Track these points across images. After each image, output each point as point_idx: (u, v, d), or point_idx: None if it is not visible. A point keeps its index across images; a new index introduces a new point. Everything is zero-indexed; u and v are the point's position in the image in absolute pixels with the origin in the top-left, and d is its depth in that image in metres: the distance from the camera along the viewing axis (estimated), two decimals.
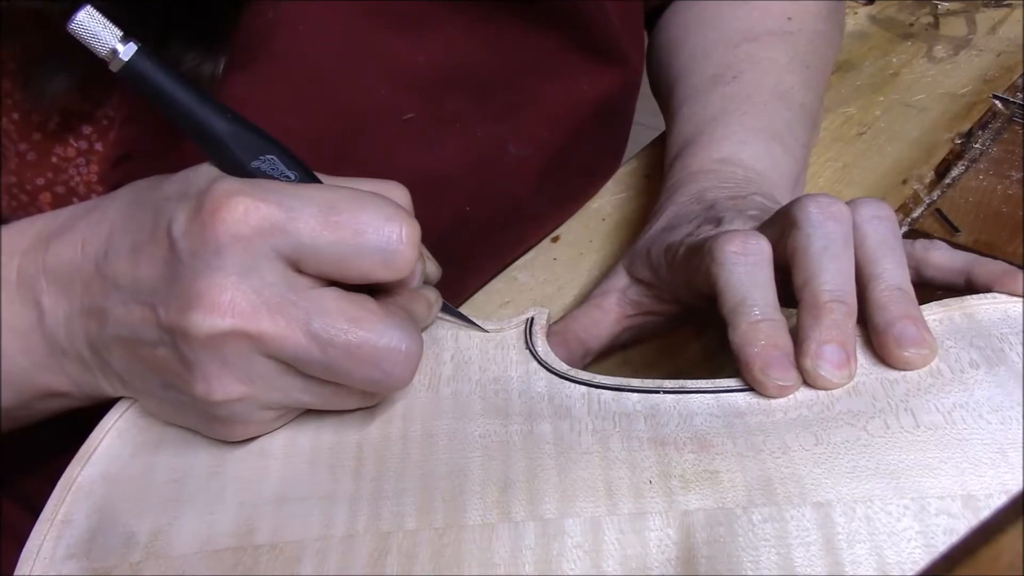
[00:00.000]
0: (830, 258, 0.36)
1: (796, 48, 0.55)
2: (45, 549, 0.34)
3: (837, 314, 0.35)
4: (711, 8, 0.58)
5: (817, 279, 0.36)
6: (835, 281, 0.36)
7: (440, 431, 0.36)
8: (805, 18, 0.56)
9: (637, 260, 0.44)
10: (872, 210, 0.38)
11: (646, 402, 0.37)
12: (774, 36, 0.55)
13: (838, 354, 0.35)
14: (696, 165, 0.48)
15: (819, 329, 0.35)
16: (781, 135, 0.50)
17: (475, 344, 0.40)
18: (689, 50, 0.56)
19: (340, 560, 0.32)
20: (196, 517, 0.34)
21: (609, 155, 0.59)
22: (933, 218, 0.54)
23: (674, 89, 0.55)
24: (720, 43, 0.55)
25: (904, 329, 0.36)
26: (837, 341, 0.35)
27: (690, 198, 0.45)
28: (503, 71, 0.49)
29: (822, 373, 0.35)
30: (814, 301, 0.36)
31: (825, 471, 0.33)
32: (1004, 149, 0.58)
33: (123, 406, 0.38)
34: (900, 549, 0.30)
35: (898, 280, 0.37)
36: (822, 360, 0.35)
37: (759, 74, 0.53)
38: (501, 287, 0.51)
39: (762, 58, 0.53)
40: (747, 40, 0.55)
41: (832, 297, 0.36)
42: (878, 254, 0.37)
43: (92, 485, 0.36)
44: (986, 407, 0.34)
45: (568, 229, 0.54)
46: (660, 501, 0.32)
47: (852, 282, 0.36)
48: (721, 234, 0.38)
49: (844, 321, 0.36)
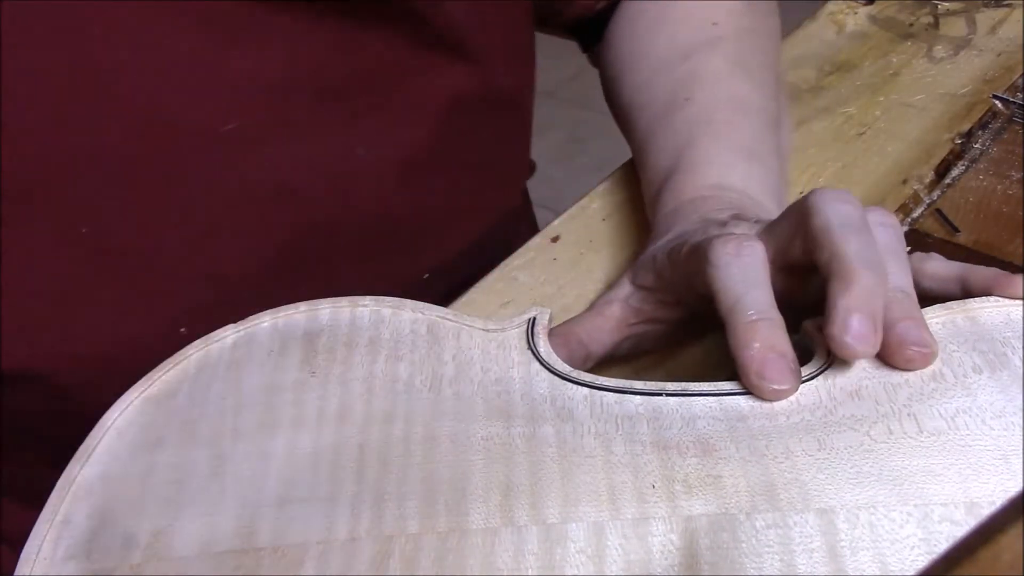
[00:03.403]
0: (854, 232, 0.35)
1: (730, 52, 0.54)
2: (45, 550, 0.34)
3: (867, 279, 0.34)
4: (638, 35, 0.58)
5: (844, 248, 0.35)
6: (862, 250, 0.35)
7: (442, 433, 0.36)
8: (728, 19, 0.56)
9: (641, 269, 0.44)
10: (878, 217, 0.38)
11: (649, 404, 0.36)
12: (705, 46, 0.55)
13: (865, 323, 0.34)
14: (690, 193, 0.47)
15: (847, 297, 0.34)
16: (754, 150, 0.50)
17: (477, 344, 0.40)
18: (631, 84, 0.56)
19: (342, 563, 0.32)
20: (197, 518, 0.34)
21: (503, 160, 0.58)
22: (933, 218, 0.54)
23: (632, 122, 0.55)
24: (659, 69, 0.55)
25: (907, 329, 0.36)
26: (866, 310, 0.34)
27: (697, 219, 0.45)
28: (343, 75, 0.48)
29: (848, 340, 0.34)
30: (843, 270, 0.35)
31: (828, 477, 0.33)
32: (1004, 149, 0.58)
33: (123, 405, 0.38)
34: (903, 556, 0.30)
35: (902, 284, 0.37)
36: (848, 329, 0.34)
37: (708, 90, 0.52)
38: (501, 287, 0.51)
39: (704, 72, 0.53)
40: (682, 59, 0.54)
41: (862, 263, 0.35)
42: (884, 258, 0.37)
43: (92, 485, 0.36)
44: (989, 412, 0.34)
45: (568, 229, 0.54)
46: (663, 506, 0.32)
47: (880, 255, 0.36)
48: (716, 237, 0.38)
49: (875, 288, 0.35)
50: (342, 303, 0.41)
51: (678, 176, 0.49)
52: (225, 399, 0.38)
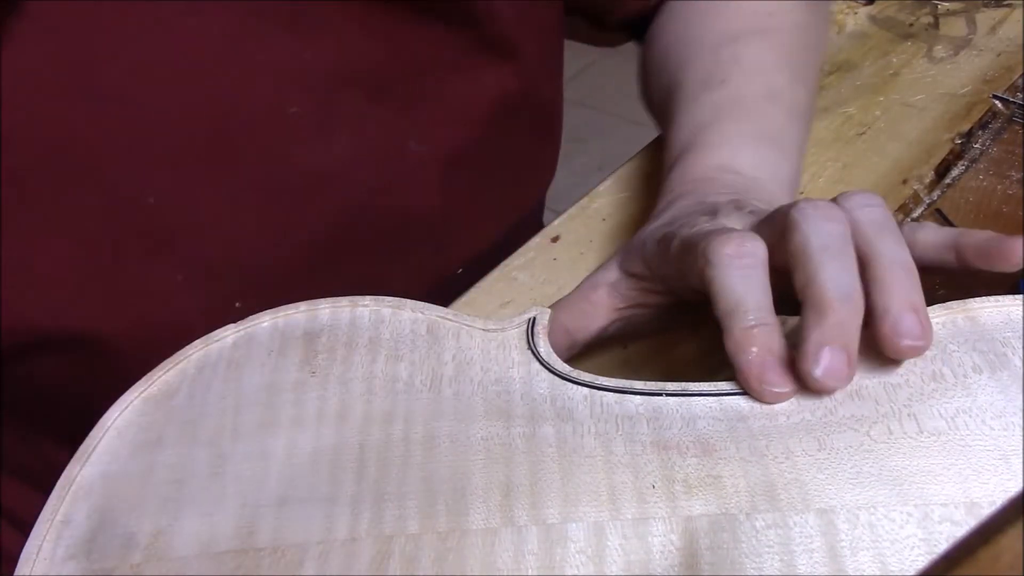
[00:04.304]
0: (831, 256, 0.35)
1: (780, 44, 0.54)
2: (45, 549, 0.34)
3: (841, 312, 0.34)
4: (693, 15, 0.58)
5: (819, 277, 0.34)
6: (838, 278, 0.34)
7: (442, 433, 0.36)
8: (786, 12, 0.56)
9: (631, 255, 0.44)
10: (862, 199, 0.37)
11: (649, 404, 0.36)
12: (756, 35, 0.55)
13: (837, 358, 0.34)
14: (694, 173, 0.47)
15: (820, 330, 0.34)
16: (775, 138, 0.49)
17: (476, 344, 0.40)
18: (675, 60, 0.56)
19: (342, 563, 0.32)
20: (197, 518, 0.34)
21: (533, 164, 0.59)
22: (933, 218, 0.54)
23: (667, 101, 0.55)
24: (704, 49, 0.55)
25: (900, 318, 0.34)
26: (838, 343, 0.34)
27: (691, 203, 0.45)
28: (396, 69, 0.49)
29: (817, 375, 0.34)
30: (817, 300, 0.34)
31: (828, 477, 0.33)
32: (1004, 149, 0.58)
33: (123, 405, 0.38)
34: (903, 557, 0.30)
35: (899, 257, 0.35)
36: (818, 364, 0.34)
37: (746, 76, 0.52)
38: (501, 287, 0.51)
39: (747, 59, 0.53)
40: (730, 42, 0.54)
41: (836, 294, 0.34)
42: (875, 236, 0.36)
43: (92, 485, 0.36)
44: (989, 413, 0.34)
45: (568, 229, 0.54)
46: (663, 506, 0.32)
47: (857, 279, 0.35)
48: (716, 234, 0.38)
49: (849, 320, 0.34)
50: (342, 303, 0.41)
51: (689, 155, 0.49)
52: (225, 399, 0.38)
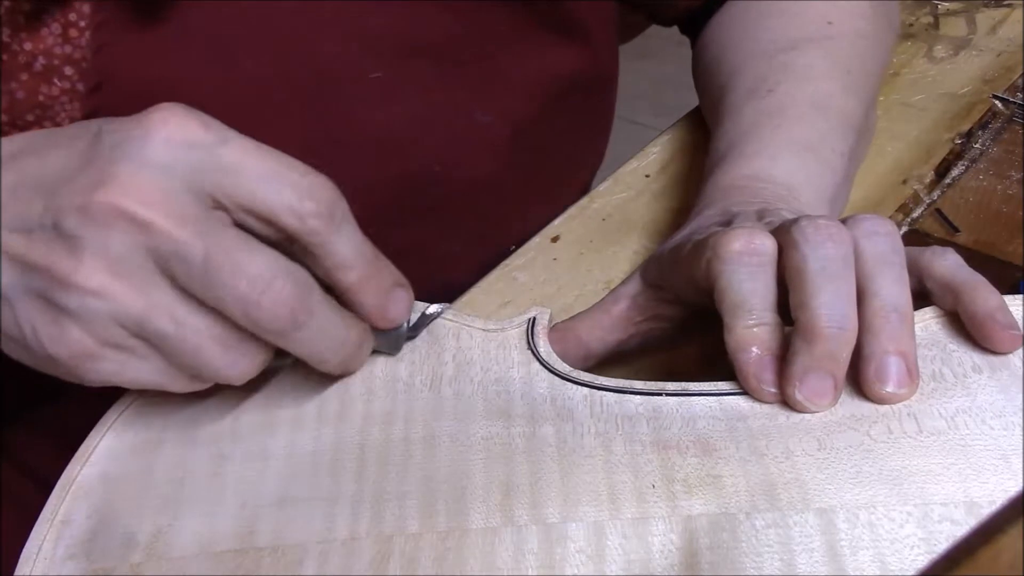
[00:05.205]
0: (827, 279, 0.35)
1: (836, 53, 0.53)
2: (45, 549, 0.34)
3: (832, 343, 0.34)
4: (750, 20, 0.57)
5: (813, 302, 0.34)
6: (832, 305, 0.34)
7: (442, 433, 0.36)
8: (846, 20, 0.55)
9: (651, 264, 0.44)
10: (870, 226, 0.37)
11: (648, 404, 0.37)
12: (812, 42, 0.54)
13: (822, 383, 0.35)
14: (726, 182, 0.47)
15: (809, 356, 0.34)
16: (816, 147, 0.48)
17: (476, 344, 0.40)
18: (728, 66, 0.56)
19: (342, 563, 0.32)
20: (197, 518, 0.34)
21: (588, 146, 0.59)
22: (933, 218, 0.54)
23: (716, 106, 0.55)
24: (757, 55, 0.55)
25: (885, 366, 0.35)
26: (824, 370, 0.34)
27: (715, 211, 0.45)
28: (468, 42, 0.49)
29: (798, 398, 0.35)
30: (808, 327, 0.34)
31: (828, 476, 0.33)
32: (1004, 149, 0.58)
33: (122, 405, 0.38)
34: (903, 556, 0.30)
35: (894, 299, 0.35)
36: (801, 387, 0.35)
37: (795, 84, 0.51)
38: (501, 287, 0.51)
39: (799, 67, 0.52)
40: (785, 50, 0.54)
41: (827, 323, 0.34)
42: (875, 271, 0.35)
43: (92, 485, 0.36)
44: (989, 412, 0.34)
45: (568, 229, 0.54)
46: (663, 506, 0.32)
47: (852, 306, 0.35)
48: (726, 230, 0.38)
49: (838, 350, 0.34)
50: None
51: (724, 163, 0.48)
52: (225, 399, 0.38)
